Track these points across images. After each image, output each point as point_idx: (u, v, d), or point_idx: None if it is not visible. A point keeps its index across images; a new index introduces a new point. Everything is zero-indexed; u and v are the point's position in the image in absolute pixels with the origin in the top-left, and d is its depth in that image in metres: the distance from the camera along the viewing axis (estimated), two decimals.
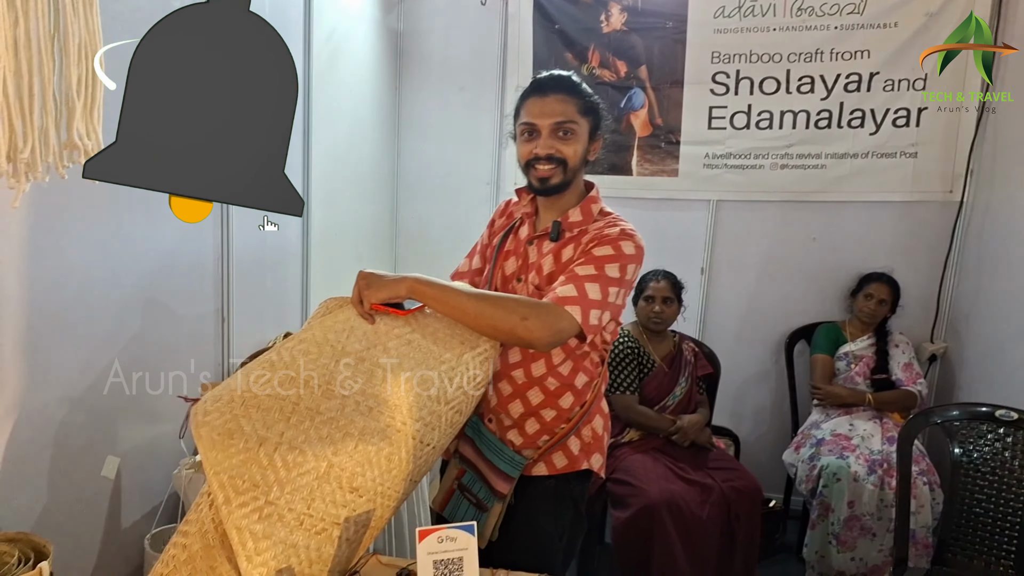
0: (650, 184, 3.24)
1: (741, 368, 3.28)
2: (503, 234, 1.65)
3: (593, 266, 1.42)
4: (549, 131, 1.48)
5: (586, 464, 1.58)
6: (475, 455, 1.56)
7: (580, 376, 1.54)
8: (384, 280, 1.34)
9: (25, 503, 1.48)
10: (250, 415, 1.16)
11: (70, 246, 1.54)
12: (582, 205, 1.54)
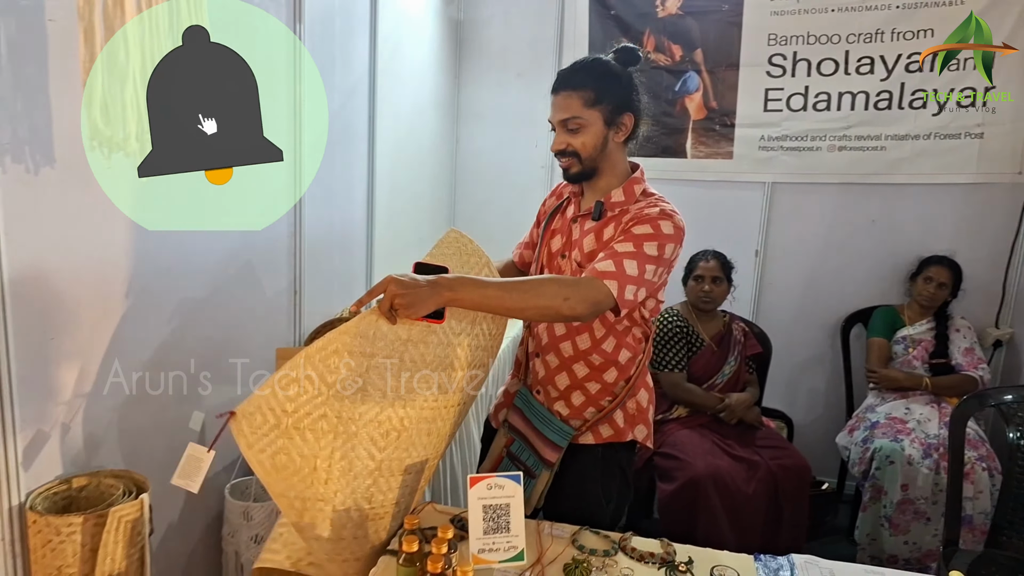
0: (704, 167, 3.26)
1: (796, 351, 3.28)
2: (551, 213, 1.74)
3: (632, 243, 1.47)
4: (560, 127, 1.57)
5: (631, 435, 1.65)
6: (524, 424, 1.65)
7: (623, 352, 1.61)
8: (421, 295, 1.27)
9: (127, 447, 1.66)
10: (294, 440, 1.23)
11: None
12: (625, 186, 1.59)
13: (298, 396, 1.23)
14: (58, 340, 1.45)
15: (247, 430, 1.21)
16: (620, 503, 1.69)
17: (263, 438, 1.22)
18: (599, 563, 1.35)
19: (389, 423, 1.32)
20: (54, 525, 1.33)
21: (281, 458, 1.22)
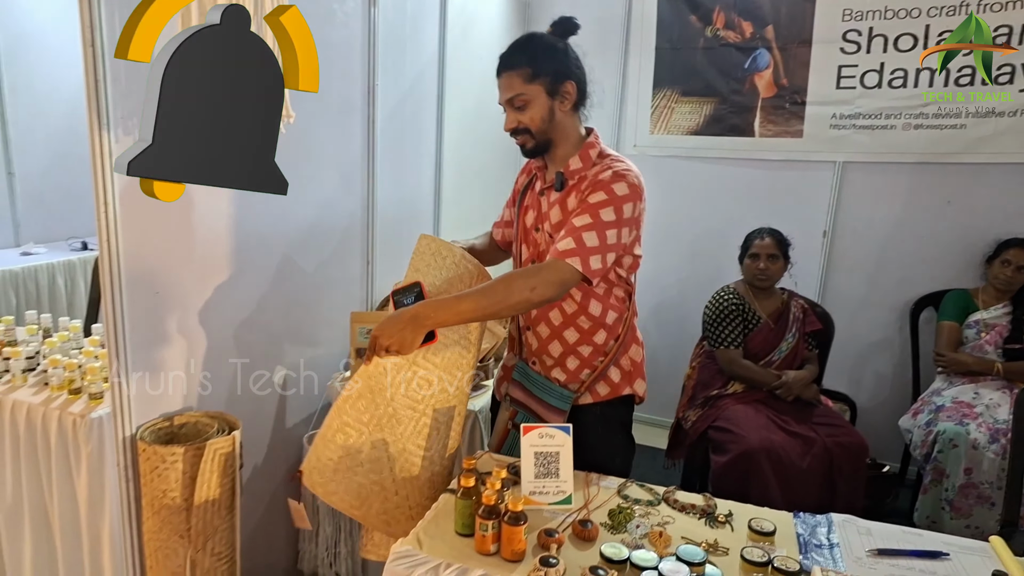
0: (772, 145, 3.24)
1: (862, 334, 3.24)
2: (523, 190, 1.81)
3: (588, 215, 1.53)
4: (508, 107, 1.63)
5: (628, 390, 1.75)
6: (525, 396, 1.74)
7: (610, 313, 1.69)
8: (406, 336, 1.42)
9: (221, 393, 1.86)
10: (358, 473, 1.52)
11: None
12: (580, 152, 1.64)
13: (345, 441, 1.50)
14: (163, 295, 1.64)
15: (319, 481, 1.49)
16: (625, 457, 1.78)
17: (330, 482, 1.50)
18: (643, 511, 1.45)
19: (425, 425, 1.59)
20: (160, 454, 1.53)
21: (352, 488, 1.52)
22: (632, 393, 1.76)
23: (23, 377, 1.98)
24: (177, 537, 1.56)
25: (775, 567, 1.25)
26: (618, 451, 1.74)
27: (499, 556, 1.27)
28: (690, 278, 3.51)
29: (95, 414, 1.80)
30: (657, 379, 3.57)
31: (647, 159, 3.45)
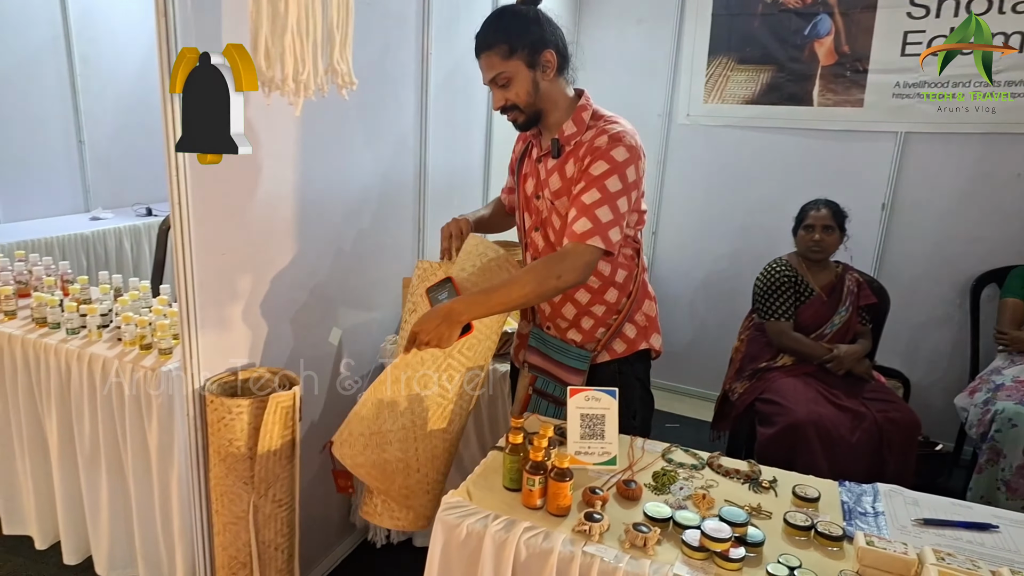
0: (831, 115, 3.15)
1: (919, 309, 3.16)
2: (520, 158, 1.82)
3: (595, 188, 1.54)
4: (493, 86, 1.63)
5: (645, 344, 1.77)
6: (543, 360, 1.77)
7: (619, 272, 1.71)
8: (442, 332, 1.50)
9: (281, 350, 1.94)
10: (383, 449, 1.62)
11: (314, 159, 1.94)
12: (573, 116, 1.64)
13: (377, 419, 1.60)
14: (229, 255, 1.72)
15: (348, 453, 1.60)
16: (645, 415, 1.81)
17: (359, 455, 1.60)
18: (686, 474, 1.47)
19: (449, 412, 1.68)
20: (226, 405, 1.61)
21: (379, 463, 1.62)
22: (648, 348, 1.78)
23: (98, 333, 2.11)
24: (241, 483, 1.65)
25: (818, 531, 1.27)
26: (636, 407, 1.77)
27: (545, 510, 1.32)
28: (741, 251, 3.47)
29: (165, 368, 1.91)
30: (704, 352, 3.59)
31: (699, 129, 3.40)
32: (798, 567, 1.17)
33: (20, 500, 2.34)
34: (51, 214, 4.00)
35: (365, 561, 2.37)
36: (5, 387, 2.20)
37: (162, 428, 1.94)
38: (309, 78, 1.30)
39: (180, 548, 2.01)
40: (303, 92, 1.32)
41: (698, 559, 1.19)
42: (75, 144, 4.11)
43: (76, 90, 4.06)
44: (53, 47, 3.94)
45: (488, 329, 1.69)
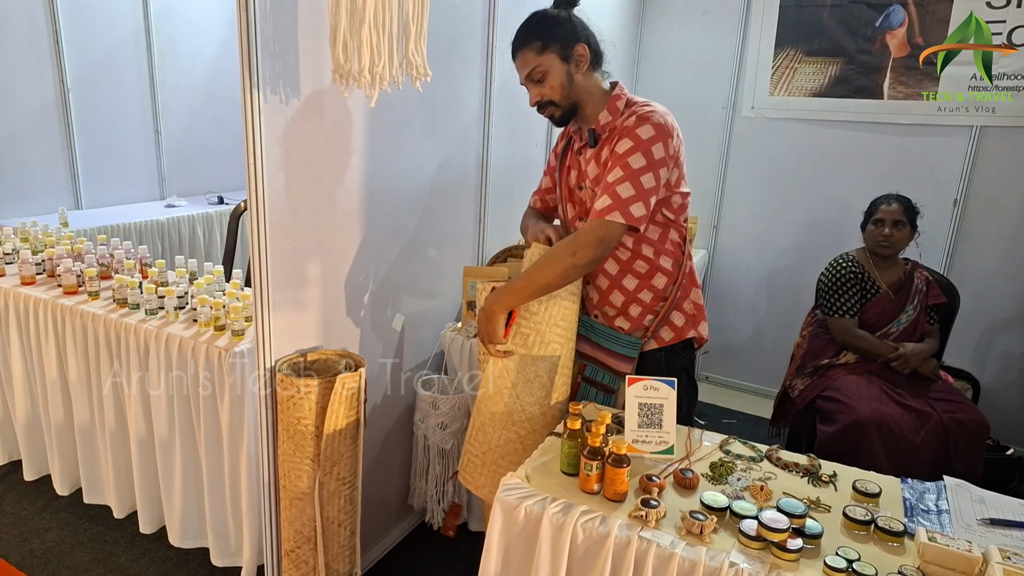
0: (902, 108, 3.06)
1: (991, 309, 3.05)
2: (563, 152, 1.84)
3: (619, 167, 1.56)
4: (528, 83, 1.68)
5: (693, 332, 1.77)
6: (592, 348, 1.79)
7: (663, 258, 1.71)
8: (483, 328, 1.62)
9: (346, 334, 2.01)
10: (498, 466, 1.68)
11: (381, 150, 2.00)
12: (608, 106, 1.67)
13: (484, 437, 1.70)
14: (301, 242, 1.79)
15: (468, 478, 1.73)
16: (689, 402, 1.82)
17: (479, 477, 1.71)
18: (744, 466, 1.47)
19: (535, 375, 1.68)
20: (297, 384, 1.69)
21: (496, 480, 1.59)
22: (695, 336, 1.79)
23: (175, 314, 2.22)
24: (308, 460, 1.73)
25: (878, 526, 1.26)
26: (682, 398, 1.74)
27: (601, 495, 1.34)
28: (804, 247, 3.40)
29: (238, 348, 2.01)
30: (763, 348, 3.54)
31: (764, 122, 3.35)
32: (856, 560, 1.16)
33: (100, 472, 2.49)
34: (129, 201, 4.21)
35: (422, 543, 2.44)
36: (88, 365, 2.34)
37: (233, 406, 2.04)
38: (385, 70, 1.35)
39: (248, 522, 2.11)
40: (379, 84, 1.37)
41: (755, 548, 1.20)
42: (152, 135, 4.31)
43: (154, 83, 4.25)
44: (135, 42, 4.14)
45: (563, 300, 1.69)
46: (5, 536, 2.39)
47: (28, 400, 2.60)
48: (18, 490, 2.65)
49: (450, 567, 2.32)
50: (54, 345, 2.40)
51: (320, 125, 1.77)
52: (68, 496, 2.60)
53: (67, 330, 2.35)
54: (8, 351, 2.55)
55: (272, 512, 1.85)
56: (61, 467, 2.55)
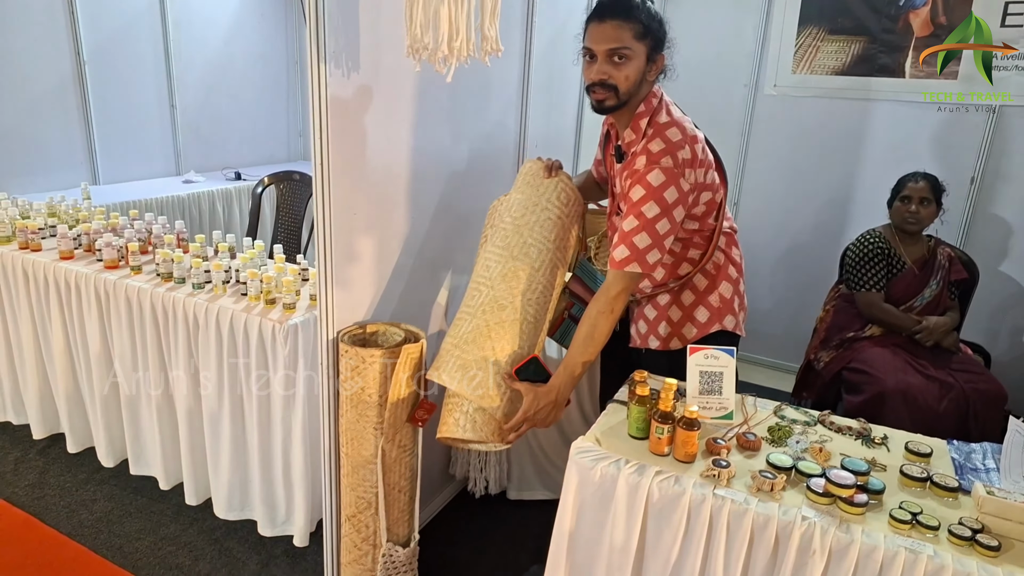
0: (924, 87, 3.11)
1: (1004, 285, 3.14)
2: (604, 139, 1.89)
3: (633, 215, 1.59)
4: (604, 57, 1.58)
5: (718, 326, 1.82)
6: (583, 289, 1.89)
7: (691, 250, 1.79)
8: (553, 413, 1.65)
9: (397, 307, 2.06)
10: (461, 350, 1.71)
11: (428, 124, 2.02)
12: (632, 124, 1.67)
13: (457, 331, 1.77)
14: (360, 216, 1.83)
15: (438, 369, 1.75)
16: None
17: (445, 365, 1.74)
18: (801, 429, 1.55)
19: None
20: (361, 355, 1.74)
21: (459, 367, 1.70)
22: (722, 329, 1.82)
23: (223, 288, 2.26)
24: (371, 429, 1.78)
25: (934, 482, 1.34)
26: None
27: (672, 457, 1.41)
28: (824, 224, 3.46)
29: (291, 321, 2.05)
30: (782, 323, 3.62)
31: (786, 100, 3.39)
32: (920, 513, 1.24)
33: (146, 443, 2.53)
34: (145, 177, 4.22)
35: (463, 511, 2.51)
36: (134, 338, 2.38)
37: (287, 378, 2.09)
38: (463, 44, 1.39)
39: (300, 491, 2.17)
40: (455, 58, 1.40)
41: (823, 504, 1.27)
42: (167, 109, 4.30)
43: (169, 55, 4.23)
44: (149, 12, 4.10)
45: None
46: (53, 508, 2.44)
47: (71, 374, 2.63)
48: (60, 463, 2.70)
49: (492, 533, 2.39)
50: (97, 319, 2.43)
51: (377, 100, 1.80)
52: (112, 468, 2.65)
53: (111, 304, 2.38)
54: (50, 325, 2.58)
55: (333, 480, 1.91)
56: (107, 439, 2.59)
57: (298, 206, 3.75)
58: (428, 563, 2.09)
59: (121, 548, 2.25)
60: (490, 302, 1.72)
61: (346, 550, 1.93)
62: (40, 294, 2.58)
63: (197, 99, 4.46)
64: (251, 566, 2.20)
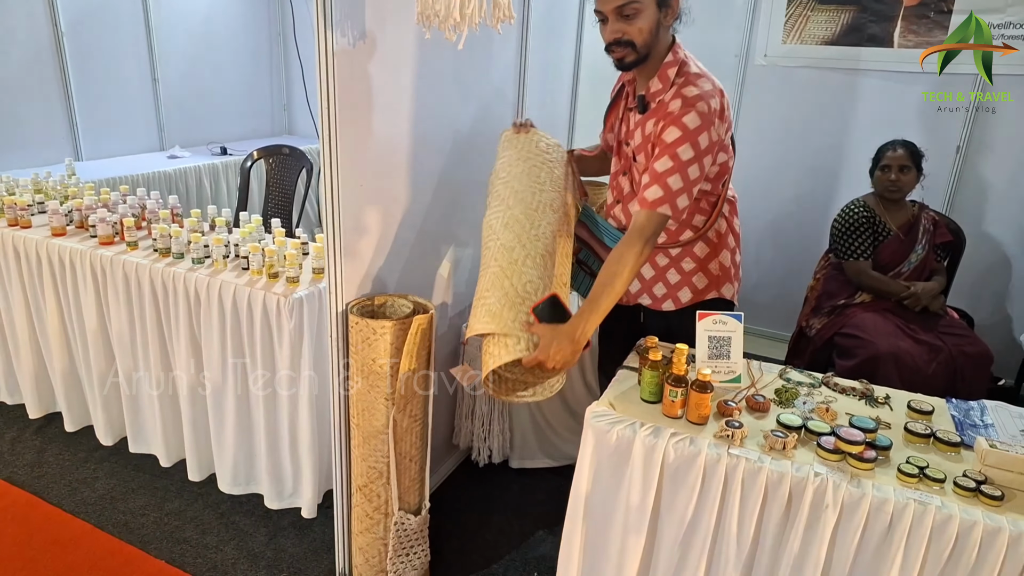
0: (912, 57, 3.14)
1: (988, 252, 3.21)
2: (612, 101, 1.87)
3: (667, 156, 1.58)
4: (614, 15, 1.58)
5: (715, 294, 1.84)
6: (590, 236, 1.90)
7: (696, 216, 1.79)
8: (571, 353, 1.51)
9: (401, 279, 2.07)
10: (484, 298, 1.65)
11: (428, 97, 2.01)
12: (660, 73, 1.66)
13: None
14: (366, 187, 1.82)
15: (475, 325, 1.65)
16: None
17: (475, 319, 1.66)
18: (806, 391, 1.60)
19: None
20: (371, 326, 1.75)
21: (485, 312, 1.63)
22: (716, 298, 1.85)
23: (223, 263, 2.25)
24: (382, 399, 1.80)
25: (937, 438, 1.39)
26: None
27: (685, 419, 1.45)
28: (813, 193, 3.50)
29: (296, 294, 2.05)
30: (771, 292, 3.68)
31: (776, 70, 3.41)
32: (926, 467, 1.29)
33: (146, 421, 2.53)
34: (129, 152, 4.14)
35: (467, 479, 2.55)
36: (132, 315, 2.36)
37: (293, 351, 2.09)
38: (475, 11, 1.38)
39: (308, 463, 2.19)
40: (467, 25, 1.40)
41: (834, 460, 1.32)
42: (150, 82, 4.21)
43: (150, 27, 4.13)
44: None
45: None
46: (54, 486, 2.43)
47: (66, 352, 2.61)
48: (58, 442, 2.68)
49: (496, 500, 2.44)
50: (93, 296, 2.41)
51: (379, 69, 1.78)
52: (111, 446, 2.64)
53: (108, 281, 2.36)
54: (43, 303, 2.55)
55: (343, 450, 1.93)
56: (105, 418, 2.58)
57: (288, 180, 3.72)
58: (436, 530, 2.13)
59: (127, 524, 2.26)
60: (499, 249, 1.69)
61: (357, 519, 1.95)
62: (33, 271, 2.54)
63: (179, 72, 4.37)
64: (259, 538, 2.22)
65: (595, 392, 2.42)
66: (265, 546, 2.19)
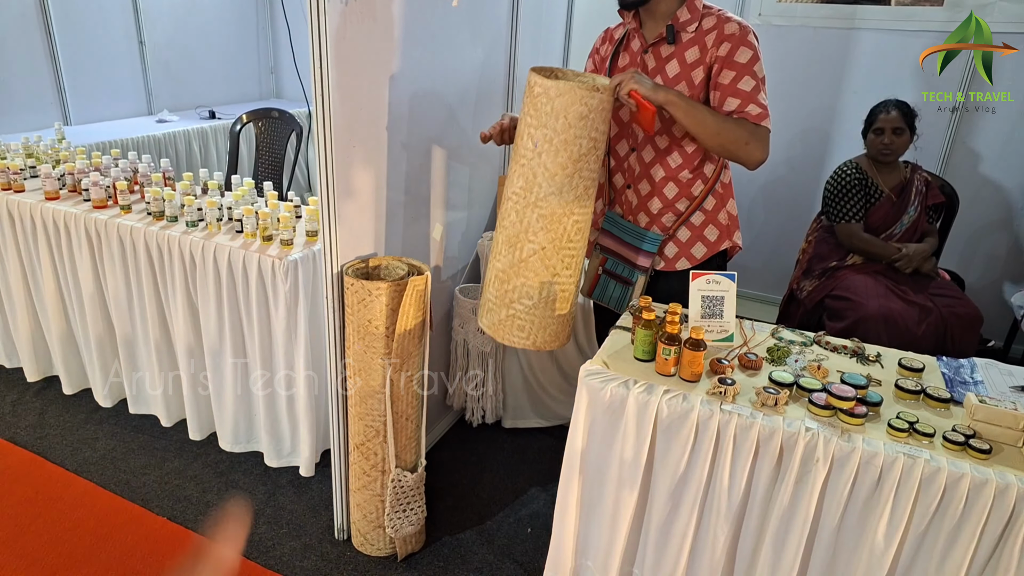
0: (909, 15, 3.11)
1: (982, 213, 3.22)
2: (613, 55, 1.82)
3: (748, 75, 1.61)
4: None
5: (727, 243, 1.84)
6: (615, 243, 1.88)
7: (708, 165, 1.78)
8: (649, 81, 1.55)
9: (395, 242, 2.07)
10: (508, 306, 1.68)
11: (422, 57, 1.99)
12: (688, 3, 1.66)
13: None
14: (357, 148, 1.81)
15: (487, 324, 1.75)
16: None
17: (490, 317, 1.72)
18: (798, 349, 1.62)
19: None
20: (367, 288, 1.76)
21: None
22: (729, 247, 1.86)
23: (217, 225, 2.24)
24: (379, 359, 1.82)
25: (927, 394, 1.42)
26: None
27: (678, 377, 1.47)
28: (807, 154, 3.50)
29: (291, 257, 2.05)
30: (763, 255, 3.70)
31: (771, 29, 3.37)
32: (916, 422, 1.32)
33: (144, 383, 2.54)
34: (116, 117, 4.09)
35: (462, 439, 2.59)
36: (128, 278, 2.36)
37: (289, 313, 2.10)
38: None
39: (305, 422, 2.22)
40: None
41: (825, 416, 1.35)
42: (136, 45, 4.14)
43: None
44: None
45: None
46: (56, 446, 2.46)
47: (63, 316, 2.62)
48: (57, 404, 2.70)
49: (490, 459, 2.47)
50: (89, 259, 2.41)
51: (372, 27, 1.76)
52: (110, 408, 2.66)
53: (103, 244, 2.35)
54: (39, 267, 2.55)
55: (341, 410, 1.95)
56: (104, 380, 2.60)
57: (278, 144, 3.68)
58: (431, 489, 2.17)
59: (128, 483, 2.29)
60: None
61: (355, 477, 1.99)
62: (27, 235, 2.53)
63: (166, 35, 4.28)
64: (259, 495, 2.26)
65: (587, 355, 2.45)
66: (265, 503, 2.23)
